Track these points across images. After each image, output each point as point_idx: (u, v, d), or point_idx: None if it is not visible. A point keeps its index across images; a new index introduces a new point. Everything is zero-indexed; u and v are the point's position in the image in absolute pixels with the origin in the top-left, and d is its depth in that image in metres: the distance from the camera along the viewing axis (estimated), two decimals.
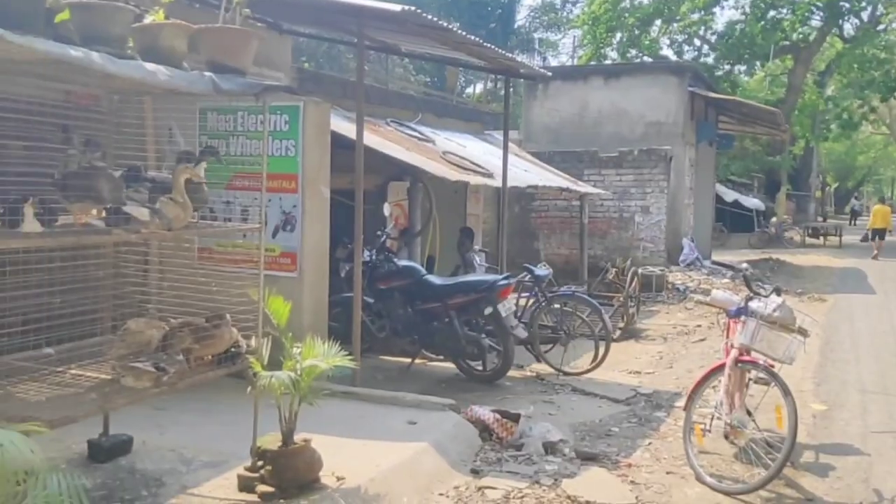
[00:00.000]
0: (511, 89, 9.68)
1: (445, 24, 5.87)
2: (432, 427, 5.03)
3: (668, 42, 28.88)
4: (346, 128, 7.09)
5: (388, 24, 5.86)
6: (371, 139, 7.87)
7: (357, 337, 6.00)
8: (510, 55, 7.87)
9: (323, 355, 4.03)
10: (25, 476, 2.24)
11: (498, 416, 5.37)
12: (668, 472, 4.90)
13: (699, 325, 10.92)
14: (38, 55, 2.72)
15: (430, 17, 5.61)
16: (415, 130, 10.77)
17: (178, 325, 3.63)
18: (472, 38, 6.50)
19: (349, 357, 4.07)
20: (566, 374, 7.61)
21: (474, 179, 9.46)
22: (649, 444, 5.53)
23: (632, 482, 4.68)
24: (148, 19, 3.54)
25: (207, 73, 3.53)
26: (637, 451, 5.34)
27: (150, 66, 3.19)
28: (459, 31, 6.17)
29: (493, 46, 7.13)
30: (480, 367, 7.29)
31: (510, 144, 14.28)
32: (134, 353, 3.49)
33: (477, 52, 7.14)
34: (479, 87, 32.47)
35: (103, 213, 3.56)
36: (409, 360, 7.53)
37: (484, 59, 7.50)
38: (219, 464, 4.24)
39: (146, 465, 4.17)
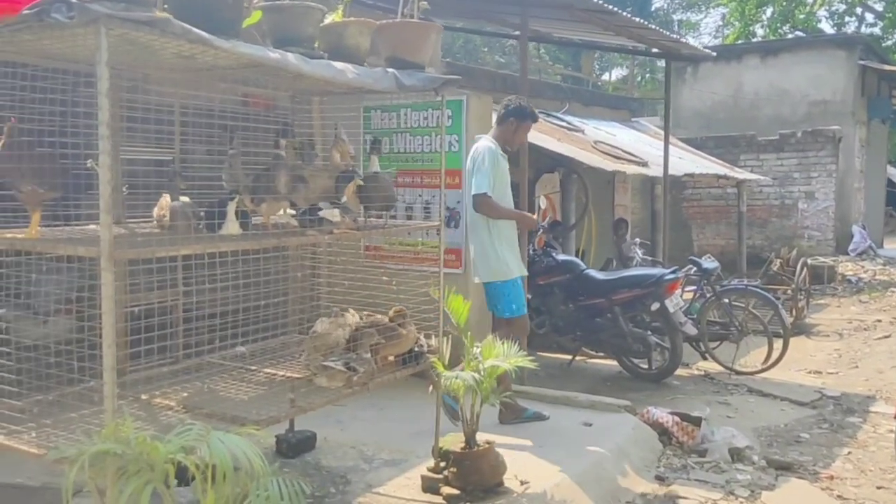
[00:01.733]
0: (649, 74, 9.23)
1: (611, 8, 5.59)
2: (610, 430, 4.81)
3: (825, 14, 26.80)
4: None
5: (554, 11, 5.66)
6: None
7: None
8: (674, 36, 7.44)
9: (503, 355, 3.90)
10: (247, 480, 2.25)
11: (677, 418, 5.08)
12: (878, 487, 4.42)
13: (878, 321, 10.02)
14: (242, 59, 2.75)
15: (596, 1, 5.37)
16: (563, 120, 10.51)
17: (364, 325, 3.62)
18: (637, 20, 6.18)
19: (530, 359, 3.92)
20: (738, 372, 7.15)
21: (630, 169, 9.10)
22: (848, 453, 5.04)
23: (839, 497, 4.26)
24: (328, 18, 3.54)
25: (390, 70, 3.48)
26: (836, 461, 4.88)
27: (339, 64, 3.16)
28: (624, 14, 5.87)
29: (656, 27, 6.77)
30: (646, 366, 6.98)
31: (659, 131, 13.77)
32: (324, 352, 3.51)
33: (638, 34, 6.81)
34: (615, 74, 31.52)
35: (284, 212, 3.60)
36: (567, 356, 7.32)
37: (644, 41, 7.14)
38: (399, 462, 4.23)
39: (330, 461, 4.23)
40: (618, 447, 4.53)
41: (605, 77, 32.67)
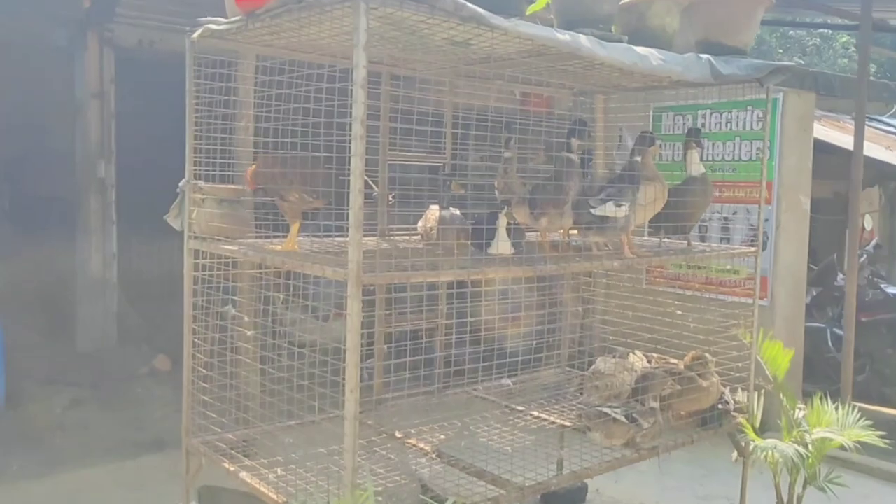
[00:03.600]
0: None
1: None
2: None
3: None
4: None
5: None
6: (837, 137, 6.49)
7: (847, 384, 4.75)
8: None
9: (838, 424, 2.99)
10: None
11: None
12: None
13: None
14: (524, 42, 2.24)
15: None
16: (888, 125, 8.86)
17: (654, 370, 2.94)
18: None
19: (880, 434, 2.95)
20: None
21: None
22: None
23: None
24: None
25: (704, 56, 2.78)
26: None
27: (641, 49, 2.54)
28: None
29: None
30: None
31: None
32: (605, 397, 2.90)
33: None
34: None
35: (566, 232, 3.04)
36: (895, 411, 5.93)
37: None
38: None
39: None
40: None
41: None
